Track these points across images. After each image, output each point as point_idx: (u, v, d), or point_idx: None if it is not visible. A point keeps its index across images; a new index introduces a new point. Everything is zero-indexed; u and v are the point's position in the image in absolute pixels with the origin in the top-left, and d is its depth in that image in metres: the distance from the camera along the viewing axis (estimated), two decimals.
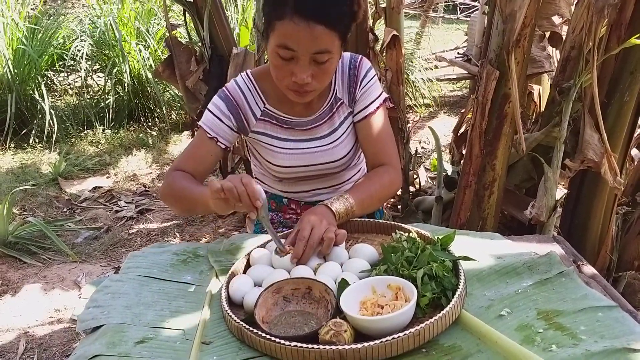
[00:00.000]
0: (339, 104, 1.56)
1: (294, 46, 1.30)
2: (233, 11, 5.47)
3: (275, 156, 1.54)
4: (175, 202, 1.48)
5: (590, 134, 1.88)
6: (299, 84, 1.36)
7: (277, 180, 1.62)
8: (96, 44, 5.03)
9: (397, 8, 2.65)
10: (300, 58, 1.32)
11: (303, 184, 1.62)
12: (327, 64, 1.35)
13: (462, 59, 5.30)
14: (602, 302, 1.05)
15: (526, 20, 1.80)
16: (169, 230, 3.35)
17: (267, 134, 1.54)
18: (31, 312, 2.61)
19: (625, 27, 1.83)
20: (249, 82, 1.54)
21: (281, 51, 1.32)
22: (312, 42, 1.29)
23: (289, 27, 1.28)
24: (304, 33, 1.27)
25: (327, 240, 1.25)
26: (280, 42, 1.31)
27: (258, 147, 1.58)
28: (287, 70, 1.35)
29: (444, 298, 1.08)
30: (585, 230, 2.11)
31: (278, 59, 1.34)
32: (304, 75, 1.34)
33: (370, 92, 1.55)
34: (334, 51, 1.34)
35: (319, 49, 1.31)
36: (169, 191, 1.48)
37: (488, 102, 1.93)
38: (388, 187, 1.52)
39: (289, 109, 1.53)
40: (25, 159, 4.37)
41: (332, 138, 1.55)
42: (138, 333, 1.08)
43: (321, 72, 1.36)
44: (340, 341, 0.97)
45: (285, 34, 1.29)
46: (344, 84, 1.55)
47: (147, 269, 1.31)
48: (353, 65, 1.55)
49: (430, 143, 4.54)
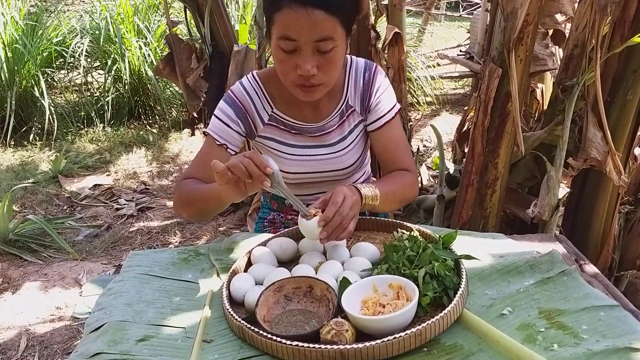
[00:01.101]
0: (350, 111, 1.52)
1: (294, 35, 1.26)
2: (234, 8, 5.46)
3: (282, 162, 1.50)
4: (188, 207, 1.43)
5: (593, 133, 1.87)
6: (305, 77, 1.31)
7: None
8: (96, 41, 5.02)
9: (399, 5, 2.64)
10: (302, 48, 1.27)
11: (308, 188, 1.58)
12: (331, 54, 1.30)
13: (464, 56, 5.29)
14: (604, 301, 1.04)
15: (529, 18, 1.79)
16: (170, 228, 3.35)
17: (274, 139, 1.50)
18: (32, 309, 2.61)
19: (628, 25, 1.82)
20: (255, 85, 1.49)
21: (283, 43, 1.28)
22: (312, 29, 1.25)
23: (288, 15, 1.24)
24: (303, 20, 1.23)
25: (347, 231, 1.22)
26: (280, 34, 1.27)
27: (264, 151, 1.53)
28: (291, 63, 1.30)
29: (446, 297, 1.08)
30: (588, 229, 2.11)
31: (281, 52, 1.30)
32: (308, 65, 1.28)
33: (385, 101, 1.52)
34: (337, 38, 1.29)
35: (321, 36, 1.26)
36: (180, 199, 1.43)
37: (490, 101, 1.92)
38: (409, 189, 1.49)
39: (297, 113, 1.49)
40: (26, 156, 4.37)
41: (341, 146, 1.51)
42: (139, 331, 1.08)
43: (326, 63, 1.31)
44: (341, 341, 0.97)
45: (284, 24, 1.26)
46: (357, 91, 1.51)
47: (148, 267, 1.31)
48: (367, 73, 1.51)
49: (432, 141, 4.53)
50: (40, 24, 4.92)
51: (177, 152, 4.45)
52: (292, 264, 1.28)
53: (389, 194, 1.38)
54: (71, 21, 5.33)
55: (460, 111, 5.05)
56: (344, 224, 1.21)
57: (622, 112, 1.91)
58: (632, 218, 2.17)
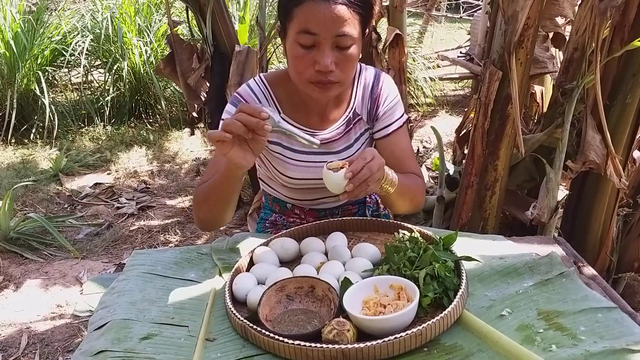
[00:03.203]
0: (357, 119, 1.51)
1: (315, 29, 1.25)
2: (235, 8, 5.47)
3: (287, 167, 1.49)
4: (204, 206, 1.38)
5: (592, 136, 1.89)
6: (322, 74, 1.29)
7: (283, 186, 1.58)
8: (97, 40, 5.03)
9: (400, 7, 2.65)
10: (322, 42, 1.26)
11: (310, 193, 1.57)
12: (350, 51, 1.29)
13: (464, 58, 5.30)
14: (601, 303, 1.06)
15: (529, 21, 1.80)
16: (170, 227, 3.36)
17: (280, 144, 1.49)
18: (33, 307, 2.62)
19: (628, 29, 1.84)
20: (263, 88, 1.47)
21: (302, 37, 1.27)
22: (334, 23, 1.24)
23: (309, 8, 1.24)
24: (326, 12, 1.23)
25: (374, 181, 1.20)
26: (301, 28, 1.26)
27: (269, 155, 1.52)
28: (308, 59, 1.29)
29: (446, 298, 1.09)
30: (586, 231, 2.12)
31: (299, 48, 1.29)
32: (328, 60, 1.27)
33: (394, 111, 1.52)
34: (356, 36, 1.29)
35: (342, 31, 1.25)
36: (197, 203, 1.40)
37: (491, 103, 1.93)
38: (419, 192, 1.49)
39: (304, 119, 1.48)
40: (26, 154, 4.38)
41: (346, 154, 1.50)
42: (143, 329, 1.09)
43: (344, 60, 1.30)
44: (343, 340, 0.98)
45: (306, 17, 1.25)
46: (365, 99, 1.50)
47: (151, 267, 1.32)
48: (376, 81, 1.51)
49: (432, 142, 4.54)
50: (41, 22, 4.92)
51: (178, 151, 4.46)
52: (294, 264, 1.29)
53: (404, 185, 1.36)
54: (72, 20, 5.33)
55: (460, 112, 5.07)
56: (369, 181, 1.19)
57: (622, 115, 1.92)
58: (631, 220, 2.19)
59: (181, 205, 3.66)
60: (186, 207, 3.62)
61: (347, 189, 1.18)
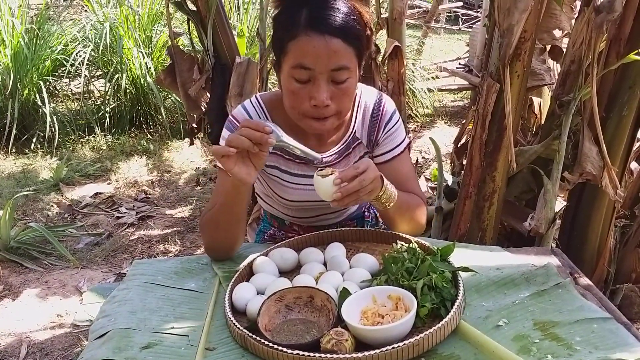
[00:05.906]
0: (357, 143, 1.49)
1: (310, 64, 1.23)
2: (235, 19, 5.50)
3: (285, 191, 1.48)
4: (213, 230, 1.38)
5: (589, 147, 1.90)
6: (318, 109, 1.27)
7: (281, 205, 1.56)
8: (97, 50, 5.06)
9: (399, 19, 2.68)
10: (317, 77, 1.25)
11: (309, 211, 1.57)
12: (346, 84, 1.28)
13: (463, 69, 5.34)
14: (597, 313, 1.07)
15: (526, 34, 1.83)
16: (170, 237, 3.37)
17: (279, 167, 1.47)
18: (32, 316, 2.62)
19: (624, 43, 1.86)
20: (260, 111, 1.43)
21: (297, 72, 1.25)
22: (329, 58, 1.23)
23: (304, 43, 1.22)
24: (321, 47, 1.22)
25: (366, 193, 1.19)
26: (295, 62, 1.24)
27: (267, 179, 1.50)
28: (304, 94, 1.27)
29: (443, 308, 1.10)
30: (584, 242, 2.13)
31: (294, 83, 1.27)
32: (324, 95, 1.25)
33: (395, 136, 1.48)
34: (352, 69, 1.27)
35: (337, 65, 1.24)
36: (205, 229, 1.40)
37: (488, 115, 1.95)
38: (420, 213, 1.46)
39: (301, 142, 1.41)
40: (27, 164, 4.39)
41: None
42: (144, 338, 1.10)
43: (340, 94, 1.28)
44: (341, 350, 0.99)
45: (300, 52, 1.23)
46: (365, 123, 1.47)
47: (151, 276, 1.33)
48: (377, 105, 1.47)
49: (430, 153, 4.56)
50: (42, 32, 4.95)
51: (178, 160, 4.48)
52: (293, 274, 1.30)
53: (404, 202, 1.36)
54: (73, 30, 5.36)
55: (459, 123, 5.09)
56: (359, 193, 1.19)
57: (618, 127, 1.95)
58: (628, 232, 2.20)
59: (181, 215, 3.67)
60: (186, 217, 3.63)
61: (335, 197, 1.18)
